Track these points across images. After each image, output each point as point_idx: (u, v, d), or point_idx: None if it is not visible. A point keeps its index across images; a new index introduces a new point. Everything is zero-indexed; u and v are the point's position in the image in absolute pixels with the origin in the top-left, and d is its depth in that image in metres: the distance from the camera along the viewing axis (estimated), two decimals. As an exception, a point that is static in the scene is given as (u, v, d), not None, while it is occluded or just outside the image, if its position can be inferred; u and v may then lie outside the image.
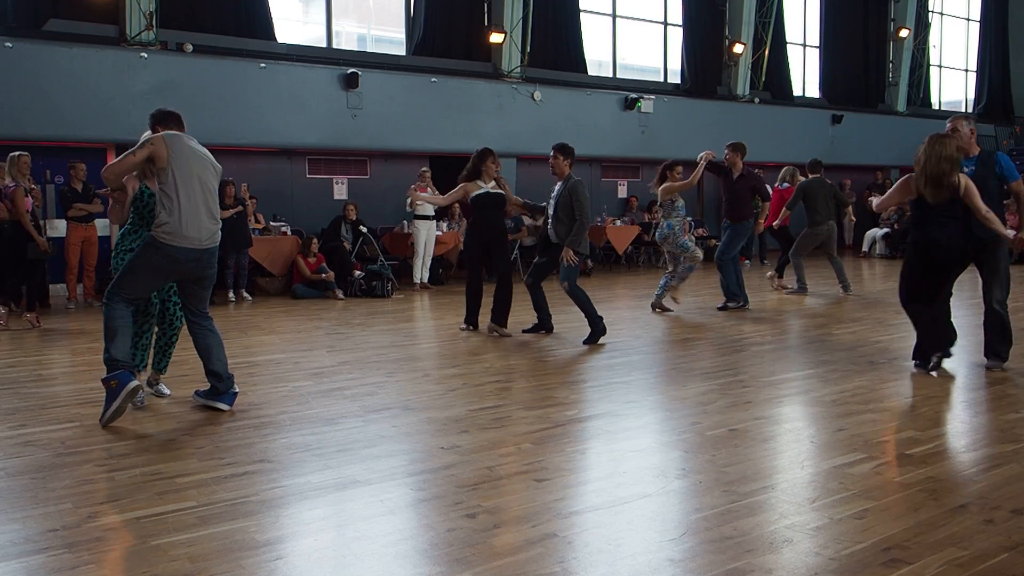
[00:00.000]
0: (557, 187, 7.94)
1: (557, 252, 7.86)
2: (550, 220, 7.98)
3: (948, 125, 6.31)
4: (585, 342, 7.64)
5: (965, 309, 8.61)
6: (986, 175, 6.12)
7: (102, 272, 11.61)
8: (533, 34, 16.05)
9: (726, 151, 10.09)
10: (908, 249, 6.16)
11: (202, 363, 5.32)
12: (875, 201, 6.56)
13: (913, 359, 6.42)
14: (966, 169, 6.04)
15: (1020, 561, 3.04)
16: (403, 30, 15.62)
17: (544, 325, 8.22)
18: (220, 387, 5.30)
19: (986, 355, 6.40)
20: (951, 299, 6.39)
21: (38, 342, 8.24)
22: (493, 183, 8.27)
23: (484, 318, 8.33)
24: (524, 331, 8.20)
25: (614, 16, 18.10)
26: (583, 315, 7.81)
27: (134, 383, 4.93)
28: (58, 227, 11.39)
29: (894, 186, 6.32)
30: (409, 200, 12.50)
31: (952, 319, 6.39)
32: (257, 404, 5.47)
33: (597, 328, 7.71)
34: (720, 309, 9.86)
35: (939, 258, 5.98)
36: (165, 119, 5.31)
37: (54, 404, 5.55)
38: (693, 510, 3.59)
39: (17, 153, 9.42)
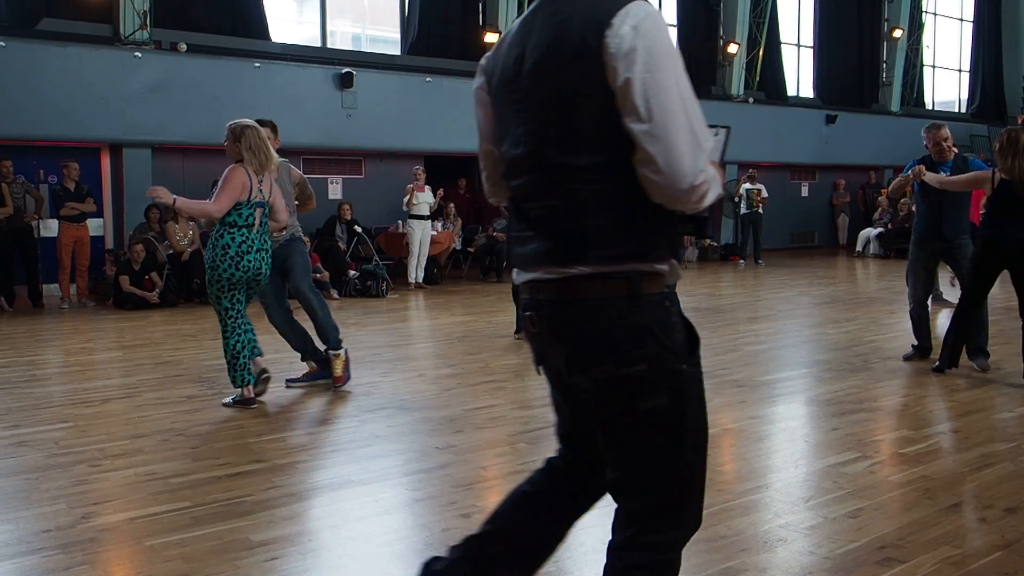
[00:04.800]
0: None
1: None
2: None
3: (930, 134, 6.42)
4: None
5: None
6: None
7: (95, 272, 11.58)
8: (528, 34, 16.03)
9: None
10: (980, 247, 5.92)
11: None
12: (942, 176, 6.16)
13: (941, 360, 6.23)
14: (943, 174, 6.27)
15: (1013, 559, 3.05)
16: (398, 30, 15.61)
17: None
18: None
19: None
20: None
21: (32, 342, 8.22)
22: None
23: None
24: None
25: (609, 16, 18.10)
26: None
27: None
28: (51, 227, 11.35)
29: (968, 175, 6.04)
30: (407, 199, 12.51)
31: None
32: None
33: None
34: None
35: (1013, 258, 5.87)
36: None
37: (48, 404, 5.54)
38: (688, 509, 3.59)
39: None
